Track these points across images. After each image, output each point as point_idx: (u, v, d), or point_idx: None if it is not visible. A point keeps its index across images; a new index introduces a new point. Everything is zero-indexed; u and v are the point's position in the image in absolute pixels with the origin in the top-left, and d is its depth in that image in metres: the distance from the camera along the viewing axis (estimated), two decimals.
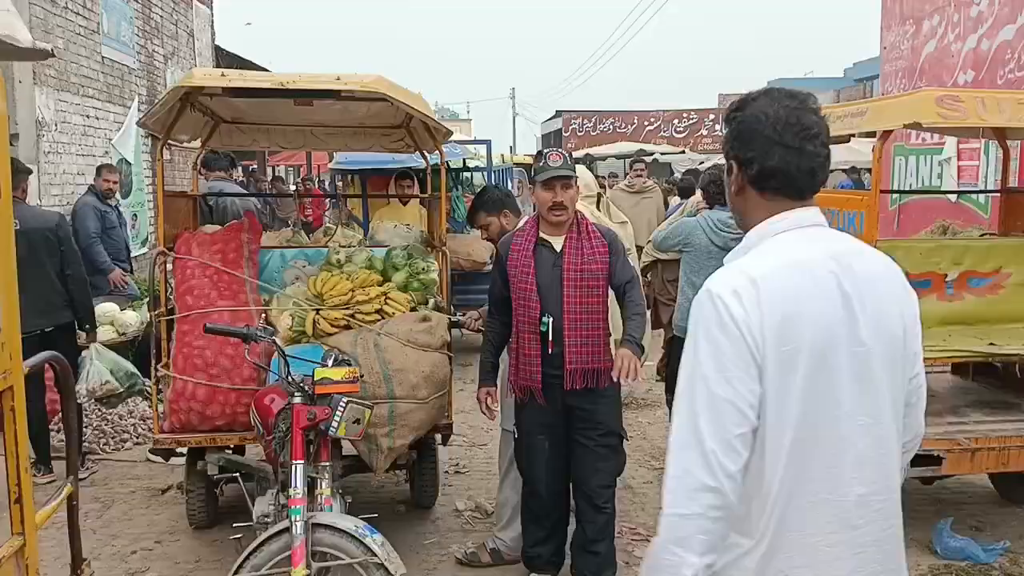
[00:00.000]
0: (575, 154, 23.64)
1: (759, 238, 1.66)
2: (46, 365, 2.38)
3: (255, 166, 18.54)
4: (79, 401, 5.91)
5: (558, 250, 3.62)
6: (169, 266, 4.46)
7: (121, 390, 6.11)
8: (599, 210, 5.04)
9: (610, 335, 3.67)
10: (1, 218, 1.70)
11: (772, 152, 1.62)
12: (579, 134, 29.70)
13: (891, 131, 4.36)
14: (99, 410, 6.00)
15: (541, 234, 3.67)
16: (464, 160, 10.50)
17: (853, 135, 4.74)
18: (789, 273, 1.57)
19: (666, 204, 10.13)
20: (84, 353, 5.52)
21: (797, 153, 1.62)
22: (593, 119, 30.20)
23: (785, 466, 1.54)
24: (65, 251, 5.20)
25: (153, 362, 4.21)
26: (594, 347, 3.57)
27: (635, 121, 29.61)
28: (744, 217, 1.72)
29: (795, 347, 1.52)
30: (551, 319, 3.56)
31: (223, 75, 3.97)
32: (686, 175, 13.60)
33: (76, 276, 5.25)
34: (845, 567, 1.59)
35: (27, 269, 4.99)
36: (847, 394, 1.57)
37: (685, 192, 10.53)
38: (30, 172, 5.70)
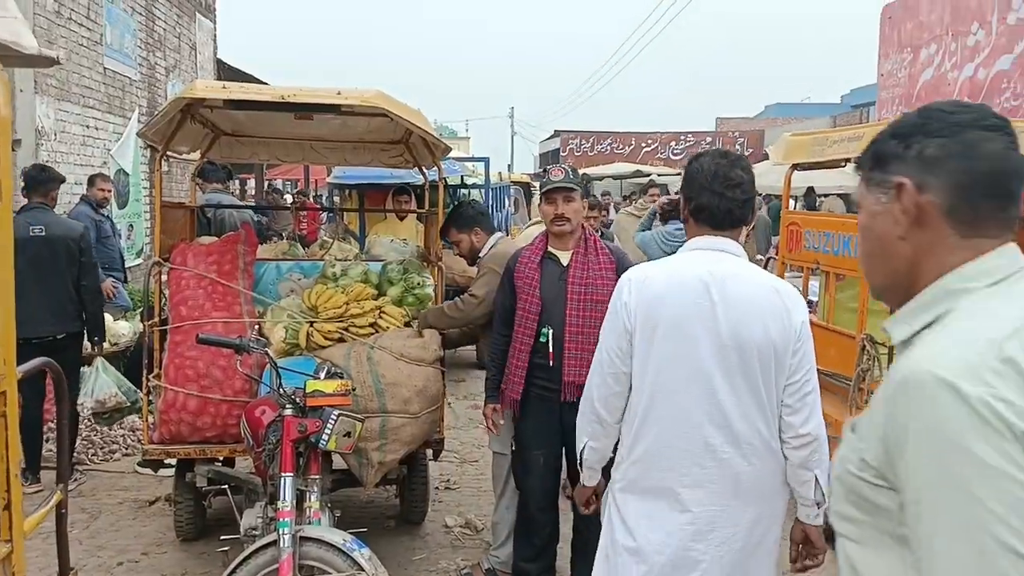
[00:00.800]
0: None
1: (681, 251, 2.41)
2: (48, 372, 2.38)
3: (252, 179, 18.56)
4: (86, 412, 5.93)
5: (564, 264, 3.64)
6: (164, 277, 4.46)
7: (127, 404, 6.14)
8: None
9: None
10: (1, 222, 1.71)
11: (702, 194, 2.33)
12: (576, 154, 29.81)
13: None
14: (88, 420, 5.98)
15: (549, 248, 3.70)
16: (462, 177, 10.54)
17: (848, 160, 4.76)
18: (668, 275, 2.33)
19: None
20: (87, 366, 5.55)
21: (719, 197, 2.31)
22: (591, 139, 30.33)
23: (646, 400, 2.31)
24: (84, 262, 5.29)
25: (145, 372, 4.20)
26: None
27: (632, 142, 29.74)
28: (686, 237, 2.44)
29: (656, 320, 2.28)
30: (551, 331, 3.57)
31: (224, 87, 3.99)
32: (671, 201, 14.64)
33: (91, 287, 5.33)
34: (680, 482, 2.28)
35: (48, 275, 5.06)
36: (707, 360, 2.24)
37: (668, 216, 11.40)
38: (63, 180, 5.74)
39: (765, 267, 7.25)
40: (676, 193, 8.38)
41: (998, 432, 0.94)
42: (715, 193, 2.30)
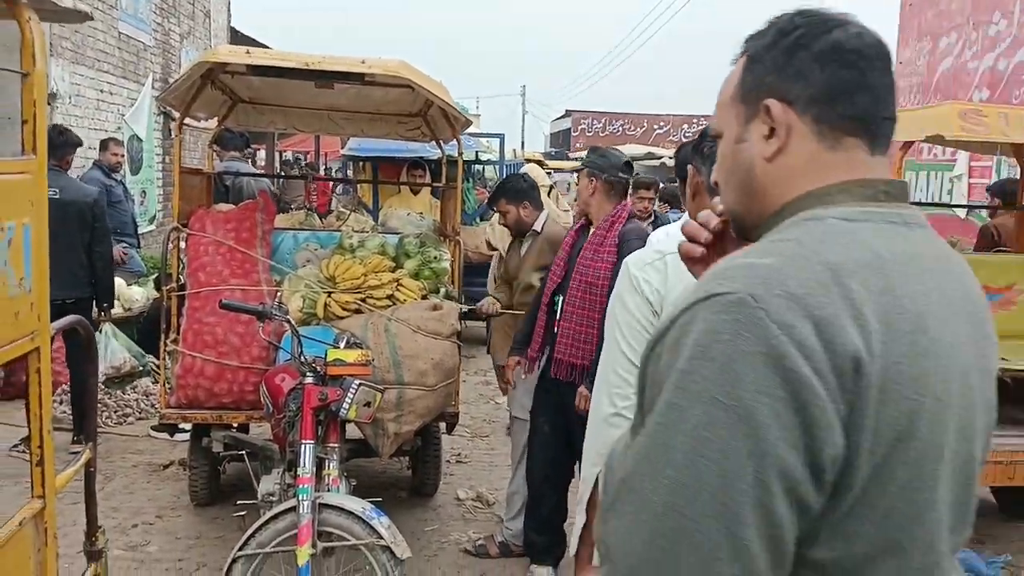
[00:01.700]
0: (582, 154, 23.66)
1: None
2: (58, 335, 2.38)
3: (263, 149, 18.52)
4: (100, 378, 5.95)
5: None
6: (182, 243, 4.46)
7: (140, 368, 6.18)
8: (548, 197, 5.35)
9: None
10: (38, 179, 1.70)
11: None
12: (588, 134, 29.70)
13: (912, 143, 4.37)
14: (101, 386, 6.00)
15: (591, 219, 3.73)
16: (476, 153, 10.50)
17: None
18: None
19: None
20: (96, 331, 5.54)
21: None
22: (603, 120, 30.20)
23: None
24: (98, 228, 5.26)
25: (163, 337, 4.20)
26: (584, 344, 3.50)
27: (645, 124, 29.62)
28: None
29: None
30: (561, 300, 3.59)
31: (248, 52, 3.96)
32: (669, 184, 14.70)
33: (103, 253, 5.31)
34: None
35: (60, 240, 5.02)
36: None
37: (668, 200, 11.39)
38: (79, 144, 5.71)
39: None
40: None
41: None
42: None
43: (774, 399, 0.82)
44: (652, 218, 6.47)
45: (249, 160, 11.13)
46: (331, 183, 11.56)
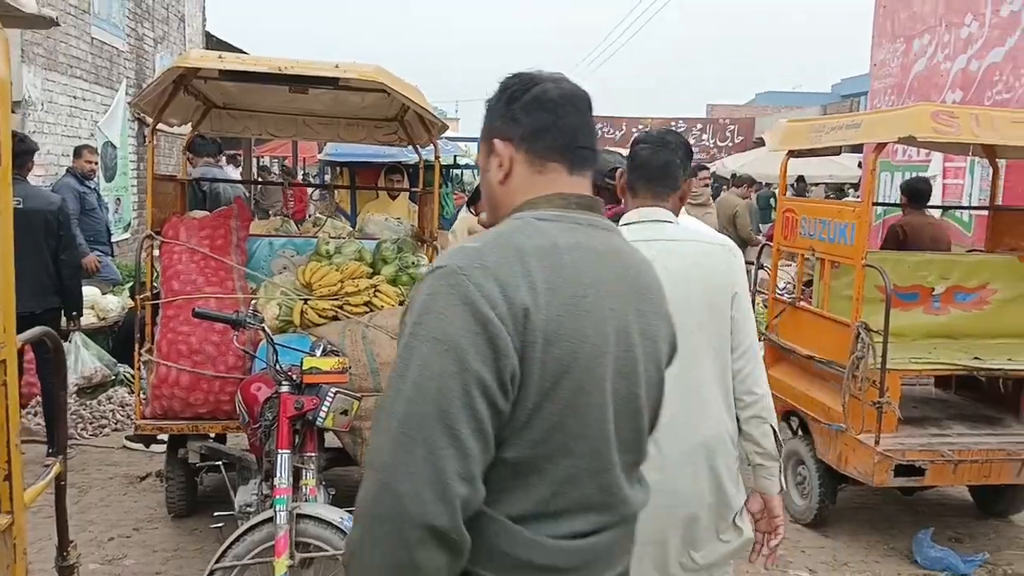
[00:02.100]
0: None
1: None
2: (28, 346, 2.34)
3: (241, 154, 18.38)
4: (71, 388, 5.86)
5: None
6: (156, 251, 4.40)
7: (112, 377, 6.07)
8: None
9: None
10: (1, 188, 1.66)
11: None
12: None
13: (884, 144, 4.39)
14: (74, 396, 5.92)
15: None
16: (455, 157, 10.48)
17: (842, 148, 4.76)
18: None
19: None
20: (66, 341, 5.46)
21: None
22: None
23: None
24: (64, 236, 5.15)
25: (137, 347, 4.15)
26: None
27: (623, 127, 29.60)
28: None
29: None
30: None
31: (220, 57, 3.92)
32: None
33: (70, 261, 5.20)
34: None
35: (24, 249, 4.91)
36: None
37: None
38: (36, 150, 5.61)
39: (760, 255, 7.23)
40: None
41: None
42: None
43: (472, 334, 1.19)
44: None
45: (229, 165, 11.06)
46: (309, 189, 11.50)
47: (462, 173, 11.13)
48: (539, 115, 1.39)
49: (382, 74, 3.88)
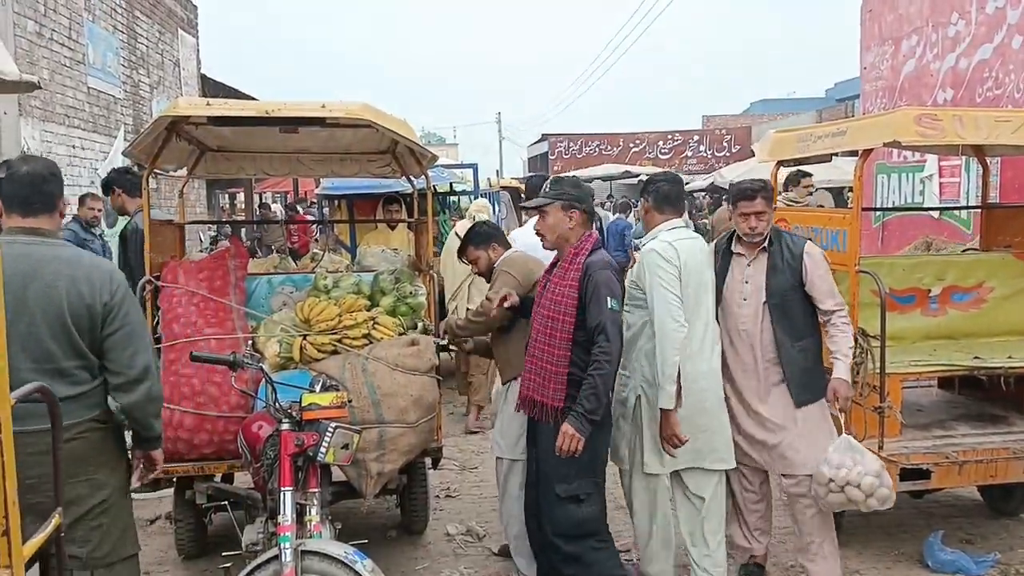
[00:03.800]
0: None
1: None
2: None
3: (242, 193, 18.53)
4: None
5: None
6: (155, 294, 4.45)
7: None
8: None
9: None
10: None
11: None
12: (565, 156, 29.86)
13: (872, 150, 4.42)
14: None
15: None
16: (451, 184, 10.55)
17: (835, 154, 4.79)
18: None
19: None
20: None
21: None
22: (579, 142, 30.38)
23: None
24: None
25: None
26: (544, 379, 3.44)
27: (620, 143, 29.79)
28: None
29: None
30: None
31: (208, 104, 3.99)
32: (624, 196, 18.65)
33: None
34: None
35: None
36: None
37: (621, 209, 13.55)
38: None
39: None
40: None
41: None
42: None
43: None
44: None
45: (225, 207, 11.06)
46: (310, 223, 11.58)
47: (459, 200, 11.18)
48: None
49: (368, 111, 3.93)
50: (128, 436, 3.03)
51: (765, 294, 3.86)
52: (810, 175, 7.51)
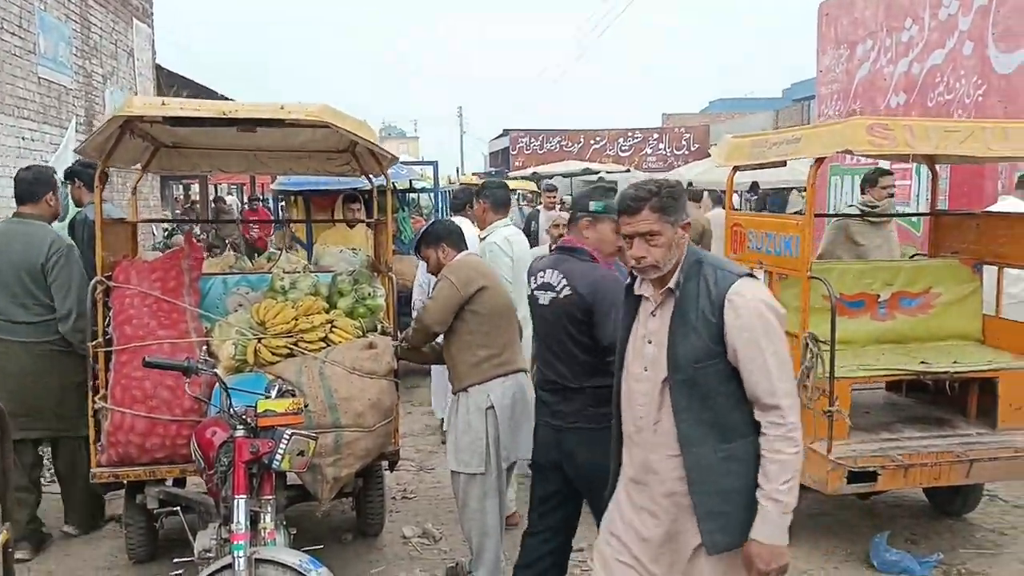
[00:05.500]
0: (522, 172, 23.75)
1: None
2: None
3: (196, 184, 18.27)
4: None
5: None
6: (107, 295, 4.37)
7: None
8: None
9: None
10: None
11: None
12: (526, 152, 29.87)
13: (824, 158, 4.51)
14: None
15: None
16: (411, 181, 10.50)
17: (787, 161, 4.86)
18: None
19: None
20: None
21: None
22: (540, 138, 30.41)
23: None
24: None
25: (90, 394, 4.11)
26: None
27: (581, 140, 29.88)
28: None
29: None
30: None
31: (163, 103, 3.91)
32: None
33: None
34: None
35: None
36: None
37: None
38: None
39: None
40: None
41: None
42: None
43: None
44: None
45: (179, 199, 10.88)
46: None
47: (418, 197, 11.13)
48: None
49: (327, 112, 3.89)
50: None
51: (666, 365, 2.49)
52: (891, 174, 6.31)
